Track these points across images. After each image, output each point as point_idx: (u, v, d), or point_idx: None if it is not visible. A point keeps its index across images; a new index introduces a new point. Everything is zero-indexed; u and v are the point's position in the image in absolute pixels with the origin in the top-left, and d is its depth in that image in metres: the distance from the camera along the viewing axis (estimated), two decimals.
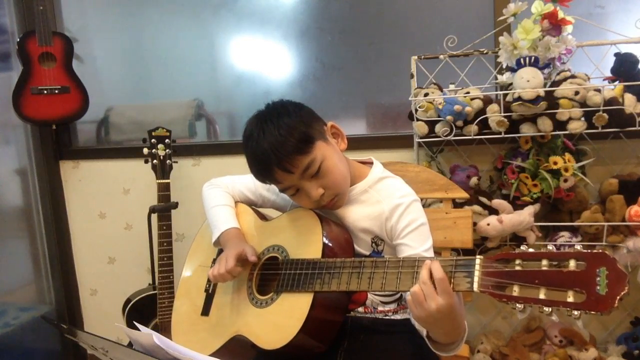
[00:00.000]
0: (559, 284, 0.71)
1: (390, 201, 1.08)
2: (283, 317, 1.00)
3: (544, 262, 0.73)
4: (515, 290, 0.74)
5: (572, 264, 0.71)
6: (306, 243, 1.05)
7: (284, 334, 0.96)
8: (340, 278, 0.96)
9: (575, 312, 0.69)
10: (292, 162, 1.00)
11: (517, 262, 0.75)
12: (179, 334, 1.22)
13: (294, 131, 1.01)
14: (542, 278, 0.72)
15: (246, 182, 1.27)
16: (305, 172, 1.02)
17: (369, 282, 0.93)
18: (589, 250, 0.70)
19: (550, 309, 0.71)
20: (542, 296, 0.72)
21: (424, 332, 0.95)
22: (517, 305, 0.74)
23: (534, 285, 0.73)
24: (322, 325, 0.99)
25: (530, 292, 0.73)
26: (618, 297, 0.66)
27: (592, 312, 0.68)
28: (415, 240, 1.04)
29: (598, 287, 0.68)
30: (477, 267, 0.79)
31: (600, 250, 0.69)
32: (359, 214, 1.10)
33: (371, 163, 1.18)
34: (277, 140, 1.00)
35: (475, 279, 0.79)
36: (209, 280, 1.21)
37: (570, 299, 0.70)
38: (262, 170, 1.05)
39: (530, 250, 0.75)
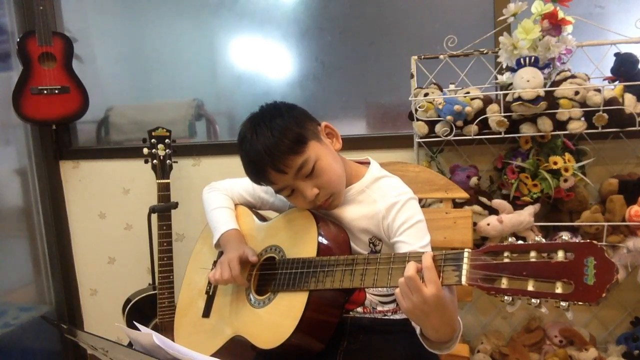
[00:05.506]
0: (547, 275, 0.70)
1: (387, 200, 1.08)
2: (279, 317, 1.01)
3: (532, 253, 0.72)
4: (504, 283, 0.74)
5: (560, 254, 0.70)
6: (302, 242, 1.05)
7: (280, 333, 0.96)
8: (334, 276, 0.96)
9: (563, 303, 0.68)
10: (285, 162, 1.00)
11: (506, 254, 0.75)
12: (181, 337, 1.22)
13: (286, 132, 1.01)
14: (530, 270, 0.72)
15: (245, 185, 1.27)
16: (299, 172, 1.02)
17: (361, 278, 0.94)
18: (577, 241, 0.69)
19: (538, 301, 0.71)
20: (530, 288, 0.71)
21: (417, 330, 0.94)
22: (506, 297, 0.73)
23: (522, 277, 0.72)
24: (318, 324, 0.99)
25: (518, 284, 0.73)
26: (606, 287, 0.65)
27: (580, 303, 0.67)
28: (412, 236, 1.04)
29: (586, 277, 0.67)
30: (465, 260, 0.79)
31: (588, 240, 0.68)
32: (356, 214, 1.10)
33: (368, 163, 1.18)
34: (270, 141, 1.00)
35: (464, 272, 0.78)
36: (209, 282, 1.21)
37: (559, 290, 0.69)
38: (256, 172, 1.05)
39: (519, 242, 0.75)
